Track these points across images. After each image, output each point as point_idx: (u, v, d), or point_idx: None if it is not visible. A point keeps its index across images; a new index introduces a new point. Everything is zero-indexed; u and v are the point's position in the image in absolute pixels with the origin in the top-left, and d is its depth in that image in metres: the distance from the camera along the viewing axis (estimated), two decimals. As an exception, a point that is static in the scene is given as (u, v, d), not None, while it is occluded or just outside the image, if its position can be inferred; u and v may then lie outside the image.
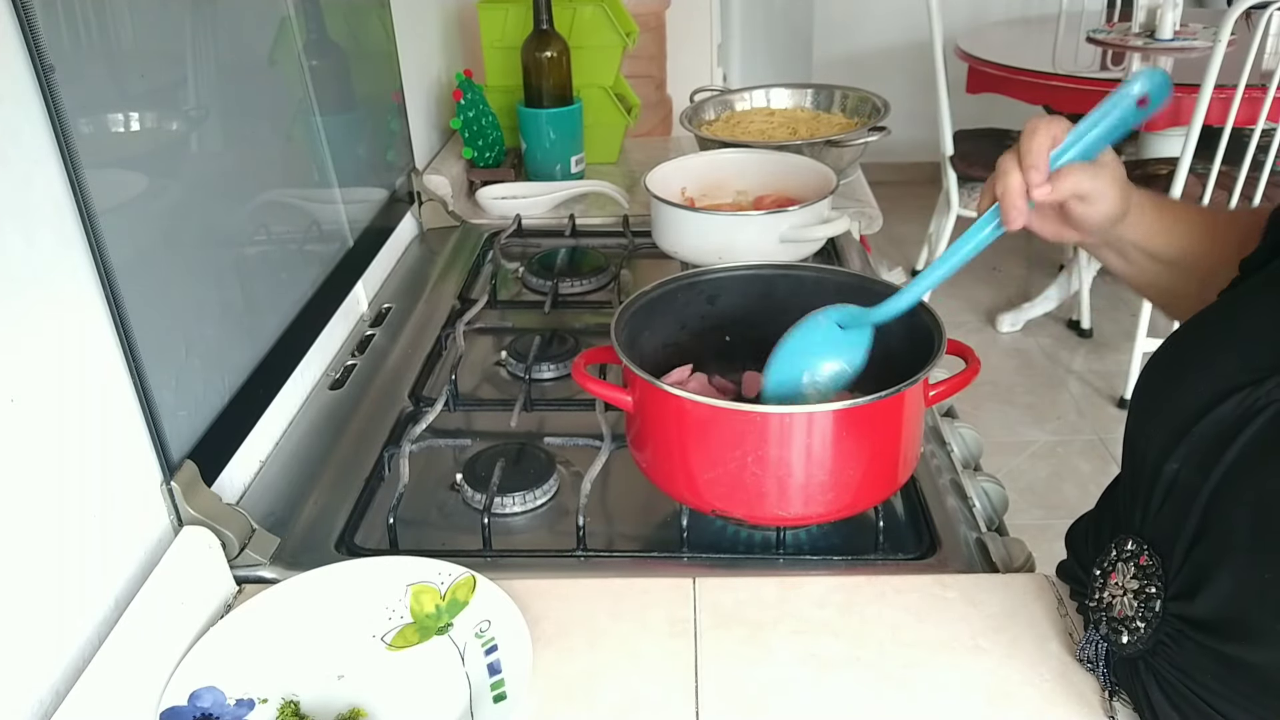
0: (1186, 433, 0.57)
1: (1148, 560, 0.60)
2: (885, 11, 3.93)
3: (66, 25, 0.66)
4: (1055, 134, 0.65)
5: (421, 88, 1.56)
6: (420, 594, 0.73)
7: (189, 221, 0.82)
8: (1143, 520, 0.61)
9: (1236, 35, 2.32)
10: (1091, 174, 0.66)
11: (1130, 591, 0.61)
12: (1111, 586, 0.63)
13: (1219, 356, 0.58)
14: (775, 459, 0.73)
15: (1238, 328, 0.59)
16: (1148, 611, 0.59)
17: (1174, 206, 0.74)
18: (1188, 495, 0.56)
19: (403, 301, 1.25)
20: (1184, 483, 0.57)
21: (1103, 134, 0.66)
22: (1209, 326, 0.62)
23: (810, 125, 1.57)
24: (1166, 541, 0.58)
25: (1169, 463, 0.58)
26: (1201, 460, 0.56)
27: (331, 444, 0.96)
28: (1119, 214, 0.68)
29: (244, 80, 0.93)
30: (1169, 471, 0.58)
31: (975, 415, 2.58)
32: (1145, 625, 0.59)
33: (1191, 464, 0.56)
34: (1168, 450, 0.58)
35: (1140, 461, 0.61)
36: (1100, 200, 0.67)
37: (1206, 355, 0.59)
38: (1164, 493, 0.58)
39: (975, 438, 0.98)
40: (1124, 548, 0.62)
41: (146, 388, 0.73)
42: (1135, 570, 0.61)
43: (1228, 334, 0.59)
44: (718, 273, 0.92)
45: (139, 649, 0.66)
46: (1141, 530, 0.61)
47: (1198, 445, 0.56)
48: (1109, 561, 0.63)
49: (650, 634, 0.71)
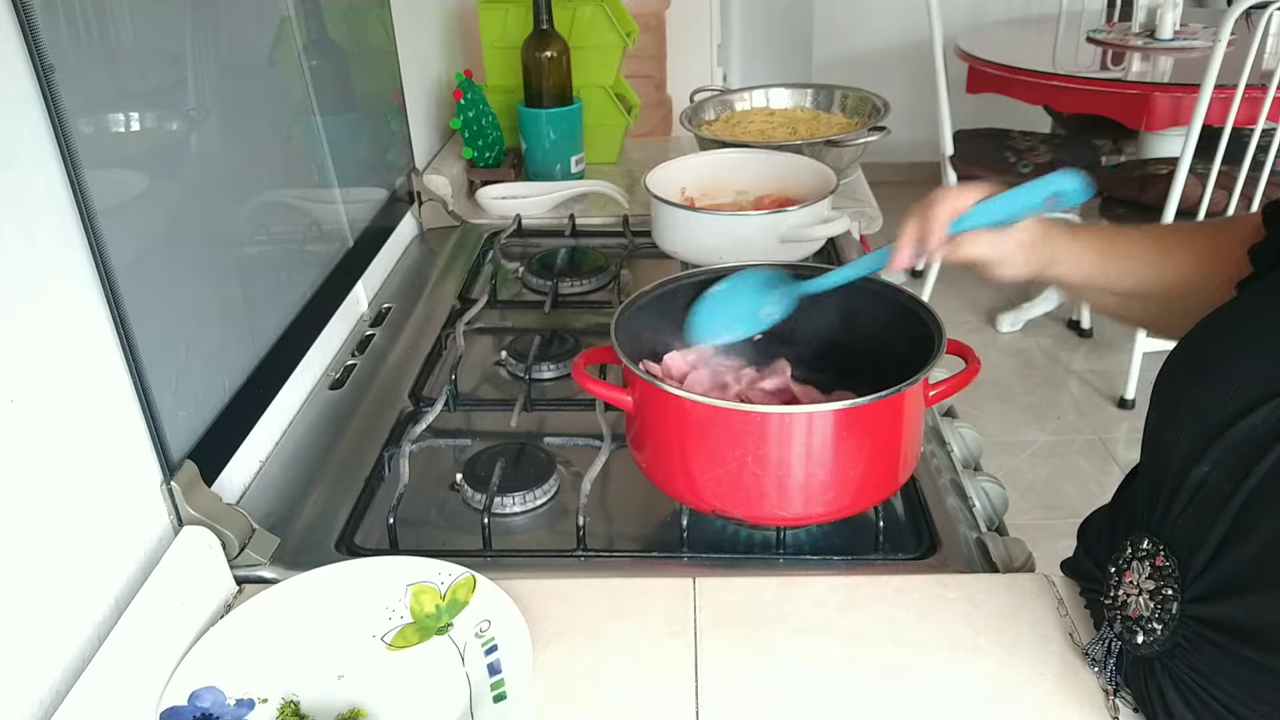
0: (1217, 438, 0.56)
1: (1164, 561, 0.59)
2: (885, 11, 3.92)
3: (66, 25, 0.66)
4: (958, 205, 0.72)
5: (421, 88, 1.56)
6: (420, 594, 0.73)
7: (189, 221, 0.82)
8: (1162, 520, 0.60)
9: (1236, 35, 2.32)
10: (995, 242, 0.72)
11: (1146, 591, 0.60)
12: (1126, 585, 0.62)
13: (1244, 358, 0.57)
14: (775, 459, 0.73)
15: (1261, 330, 0.58)
16: (1164, 613, 0.59)
17: (1122, 243, 0.76)
18: (1216, 500, 0.56)
19: (403, 301, 1.25)
20: (1213, 487, 0.56)
21: (1011, 213, 0.72)
22: (1231, 326, 0.61)
23: (810, 125, 1.57)
24: (1187, 544, 0.58)
25: (1198, 466, 0.57)
26: (1234, 467, 0.55)
27: (331, 444, 0.96)
28: (1030, 274, 0.74)
29: (244, 80, 0.93)
30: (1197, 475, 0.57)
31: (975, 415, 2.58)
32: (1162, 627, 0.59)
33: (1223, 470, 0.56)
34: (1196, 453, 0.57)
35: (1164, 463, 0.60)
36: (1004, 265, 0.73)
37: (1231, 356, 0.59)
38: (1189, 496, 0.58)
39: (975, 438, 0.98)
40: (1140, 546, 0.62)
41: (146, 388, 0.73)
42: (1151, 570, 0.60)
43: (1251, 335, 0.59)
44: (718, 273, 0.92)
45: (139, 649, 0.66)
46: (1160, 530, 0.60)
47: (1229, 452, 0.56)
48: (1124, 559, 0.63)
49: (650, 634, 0.71)
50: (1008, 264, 0.73)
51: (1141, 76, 2.76)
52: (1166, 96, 2.50)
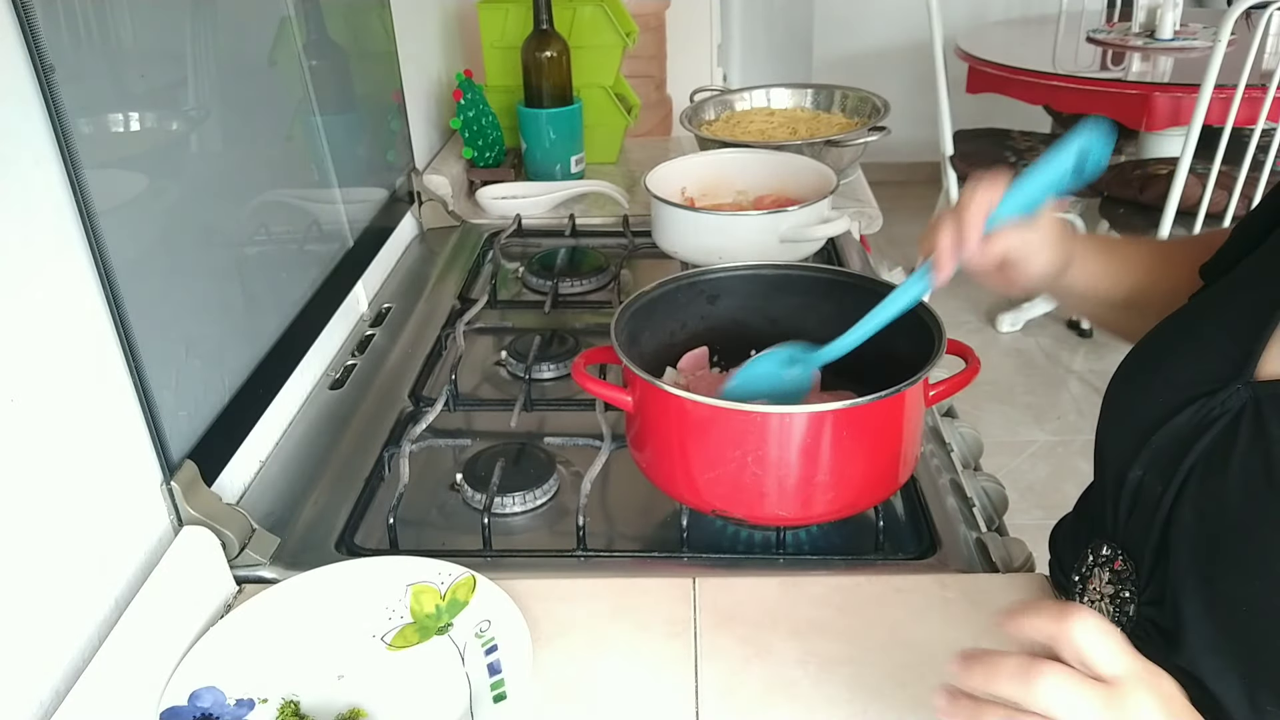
0: (1148, 439, 0.57)
1: (1122, 565, 0.60)
2: (885, 11, 3.93)
3: (66, 25, 0.66)
4: (992, 199, 0.67)
5: (421, 88, 1.56)
6: (420, 594, 0.73)
7: (189, 221, 0.82)
8: (1115, 525, 0.61)
9: (1236, 35, 2.32)
10: (1023, 236, 0.69)
11: (1107, 597, 0.61)
12: (1090, 592, 0.63)
13: (1179, 363, 0.58)
14: (775, 459, 0.73)
15: (1197, 334, 0.59)
16: (1122, 616, 0.60)
17: (1121, 248, 0.76)
18: (1151, 503, 0.57)
19: (403, 301, 1.25)
20: (1147, 490, 0.57)
21: (1037, 191, 0.68)
22: (1172, 333, 0.62)
23: (810, 125, 1.57)
24: (1138, 547, 0.59)
25: (1133, 469, 0.58)
26: (1163, 468, 0.56)
27: (331, 444, 0.96)
28: (1055, 270, 0.71)
29: (244, 80, 0.93)
30: (1133, 478, 0.58)
31: (975, 415, 2.58)
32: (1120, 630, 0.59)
33: (1154, 471, 0.57)
34: (1130, 457, 0.58)
35: (1107, 467, 0.62)
36: (1033, 259, 0.70)
37: (1168, 362, 0.60)
38: (1131, 499, 0.59)
39: (975, 438, 0.98)
40: (1100, 552, 0.62)
41: (146, 388, 0.73)
42: (1110, 575, 0.61)
43: (1188, 340, 0.60)
44: (718, 273, 0.92)
45: (139, 649, 0.66)
46: (1115, 535, 0.61)
47: (1158, 453, 0.57)
48: (1087, 566, 0.63)
49: (650, 634, 0.71)
50: (1037, 258, 0.70)
51: (1141, 76, 2.76)
52: (1166, 96, 2.50)
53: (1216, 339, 0.57)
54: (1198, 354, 0.57)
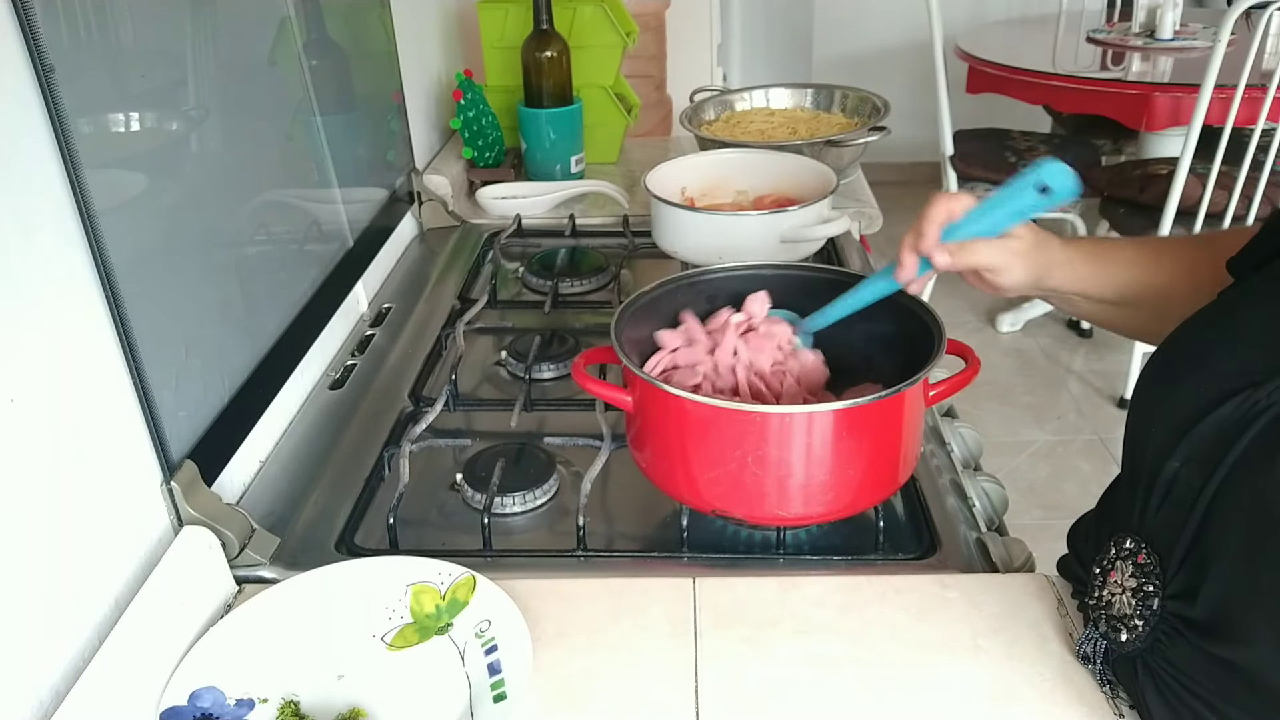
0: (1187, 432, 0.57)
1: (1146, 559, 0.60)
2: (885, 11, 3.92)
3: (66, 25, 0.66)
4: (952, 210, 0.73)
5: (421, 88, 1.56)
6: (420, 594, 0.73)
7: (189, 221, 0.82)
8: (1142, 518, 0.61)
9: (1236, 35, 2.32)
10: (995, 250, 0.73)
11: (1129, 590, 0.61)
12: (1111, 584, 0.63)
13: (1218, 357, 0.58)
14: (775, 459, 0.73)
15: (1236, 328, 0.59)
16: (1146, 610, 0.60)
17: (1109, 249, 0.77)
18: (1188, 495, 0.57)
19: (403, 301, 1.25)
20: (1184, 482, 0.57)
21: (1003, 216, 0.72)
22: (1208, 326, 0.62)
23: (810, 125, 1.57)
24: (1165, 540, 0.59)
25: (1170, 461, 0.58)
26: (1203, 460, 0.56)
27: (331, 444, 0.96)
28: (1030, 281, 0.74)
29: (244, 80, 0.93)
30: (1169, 470, 0.58)
31: (975, 415, 2.58)
32: (1143, 624, 0.60)
33: (1193, 464, 0.57)
34: (1168, 449, 0.58)
35: (1140, 459, 0.61)
36: (1005, 272, 0.73)
37: (1206, 355, 0.60)
38: (1164, 491, 0.59)
39: (975, 438, 0.98)
40: (1123, 545, 0.62)
41: (146, 388, 0.73)
42: (1134, 569, 0.61)
43: (1226, 334, 0.60)
44: (718, 273, 0.92)
45: (139, 649, 0.66)
46: (1140, 529, 0.61)
47: (1199, 445, 0.56)
48: (1108, 559, 0.64)
49: (650, 634, 0.71)
50: (1006, 272, 0.73)
51: (1141, 76, 2.76)
52: (1166, 96, 2.50)
53: (1262, 332, 0.57)
54: (1241, 347, 0.57)
